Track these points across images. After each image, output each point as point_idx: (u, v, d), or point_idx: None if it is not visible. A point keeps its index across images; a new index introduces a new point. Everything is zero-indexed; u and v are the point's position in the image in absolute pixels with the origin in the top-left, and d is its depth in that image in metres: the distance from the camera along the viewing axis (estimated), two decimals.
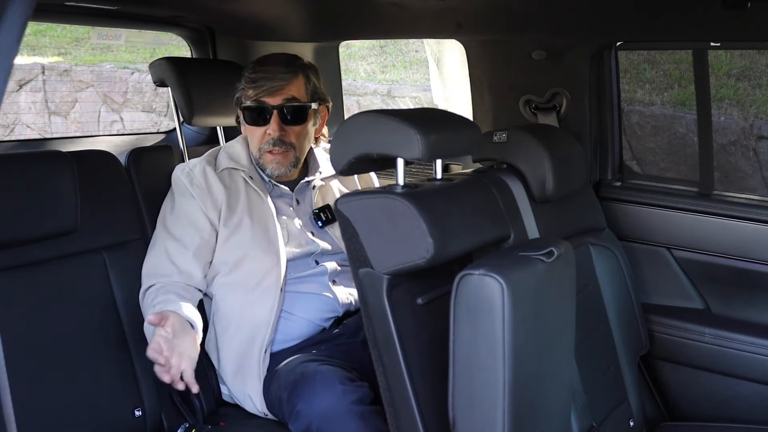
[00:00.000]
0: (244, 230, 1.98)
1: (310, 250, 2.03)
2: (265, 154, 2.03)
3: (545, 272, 1.47)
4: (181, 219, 1.98)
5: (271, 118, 2.00)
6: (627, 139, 4.95)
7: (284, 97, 2.00)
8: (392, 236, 1.44)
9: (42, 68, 7.71)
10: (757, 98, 5.12)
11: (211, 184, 2.00)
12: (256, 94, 2.00)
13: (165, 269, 1.93)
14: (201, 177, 2.00)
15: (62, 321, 1.81)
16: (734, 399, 2.14)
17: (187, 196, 1.99)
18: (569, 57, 2.27)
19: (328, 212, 2.09)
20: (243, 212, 1.99)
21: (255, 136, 2.04)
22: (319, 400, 1.72)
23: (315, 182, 2.13)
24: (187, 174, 2.01)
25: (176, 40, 2.91)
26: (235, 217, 1.98)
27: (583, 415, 1.80)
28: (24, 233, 1.76)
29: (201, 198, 1.98)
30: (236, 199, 2.01)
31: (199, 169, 2.02)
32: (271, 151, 2.02)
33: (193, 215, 1.97)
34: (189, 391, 1.71)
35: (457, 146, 1.59)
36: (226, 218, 1.98)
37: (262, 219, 2.00)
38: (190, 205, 1.98)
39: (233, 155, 2.07)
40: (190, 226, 1.96)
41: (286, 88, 2.00)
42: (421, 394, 1.47)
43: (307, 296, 2.00)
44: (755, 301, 2.16)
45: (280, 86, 2.00)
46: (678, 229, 2.25)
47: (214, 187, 2.00)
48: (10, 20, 0.68)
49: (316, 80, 2.08)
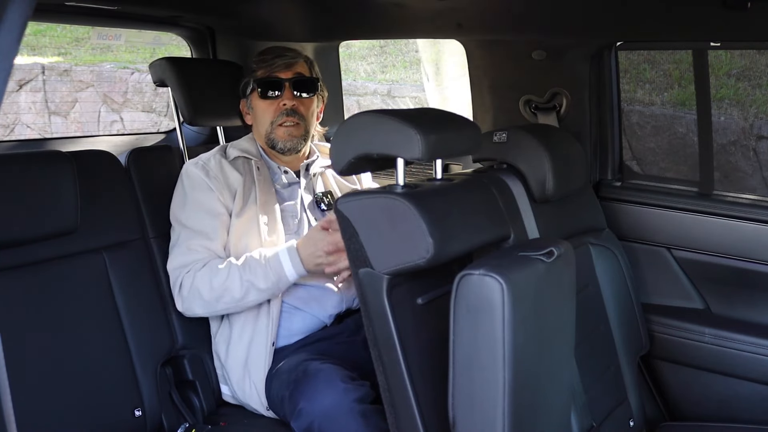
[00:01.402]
0: (252, 224, 1.99)
1: None
2: (277, 127, 2.11)
3: (545, 272, 1.47)
4: (198, 212, 1.99)
5: (285, 90, 2.11)
6: (627, 139, 4.95)
7: (295, 72, 2.13)
8: (392, 236, 1.44)
9: (42, 68, 7.71)
10: (757, 98, 5.12)
11: (227, 173, 2.04)
12: (270, 70, 2.12)
13: (194, 257, 1.95)
14: (217, 168, 2.04)
15: (62, 321, 1.81)
16: (734, 399, 2.14)
17: (204, 188, 2.00)
18: (569, 57, 2.27)
19: (331, 197, 2.14)
20: (253, 203, 2.02)
21: (268, 111, 2.12)
22: (321, 398, 1.73)
23: (314, 169, 2.18)
24: (201, 167, 2.04)
25: (176, 40, 2.91)
26: (247, 209, 2.01)
27: (583, 415, 1.80)
28: (24, 233, 1.76)
29: (219, 189, 2.00)
30: (249, 188, 2.04)
31: (214, 161, 2.06)
32: (283, 123, 2.10)
33: (210, 206, 1.99)
34: (189, 390, 1.71)
35: (457, 146, 1.59)
36: (239, 209, 2.00)
37: (269, 209, 2.02)
38: (207, 197, 1.99)
39: (242, 148, 2.13)
40: (209, 217, 1.98)
41: (296, 65, 2.14)
42: (421, 394, 1.47)
43: (310, 289, 2.01)
44: (755, 301, 2.16)
45: (291, 63, 2.13)
46: (678, 229, 2.25)
47: (230, 176, 2.04)
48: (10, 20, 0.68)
49: (316, 71, 2.21)
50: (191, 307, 1.95)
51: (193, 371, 2.02)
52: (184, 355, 2.02)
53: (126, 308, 1.93)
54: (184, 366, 2.02)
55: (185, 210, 2.00)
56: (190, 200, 2.00)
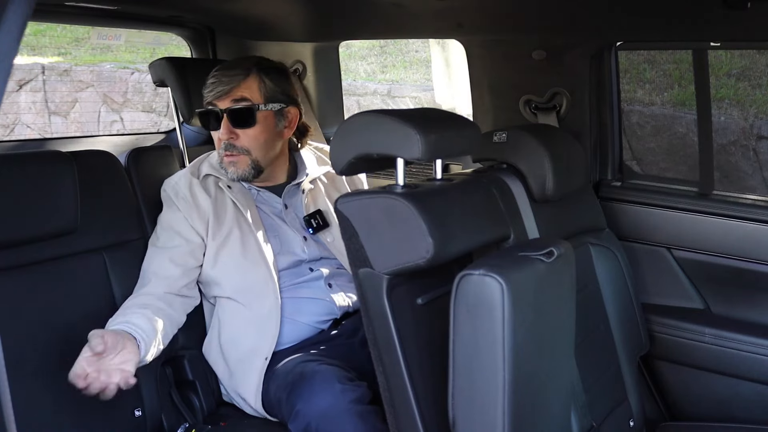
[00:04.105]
0: (233, 243, 1.96)
1: (302, 259, 2.03)
2: (224, 157, 2.00)
3: (545, 272, 1.47)
4: (166, 230, 1.98)
5: (222, 122, 1.97)
6: (627, 139, 4.95)
7: (232, 99, 1.96)
8: (392, 236, 1.44)
9: (42, 68, 7.71)
10: (757, 98, 5.12)
11: (197, 195, 1.99)
12: (208, 98, 1.99)
13: (146, 279, 1.93)
14: (186, 189, 2.00)
15: (62, 321, 1.81)
16: (734, 399, 2.14)
17: (173, 208, 2.00)
18: (569, 57, 2.27)
19: (319, 218, 2.07)
20: (232, 222, 1.98)
21: (215, 140, 2.03)
22: (318, 399, 1.72)
23: (304, 185, 2.10)
24: (172, 187, 2.02)
25: (176, 40, 2.91)
26: (224, 229, 1.97)
27: (583, 415, 1.80)
28: (24, 233, 1.76)
29: (186, 210, 1.98)
30: (223, 209, 2.00)
31: (183, 182, 2.02)
32: (225, 155, 1.99)
33: (177, 225, 1.97)
34: (189, 390, 1.70)
35: (457, 146, 1.59)
36: (215, 231, 1.97)
37: (248, 230, 1.98)
38: (175, 217, 1.99)
39: (214, 163, 2.06)
40: (174, 234, 1.97)
41: (234, 90, 1.96)
42: (421, 394, 1.47)
43: (304, 301, 2.00)
44: (755, 301, 2.16)
45: (227, 89, 1.96)
46: (678, 229, 2.25)
47: (199, 198, 1.99)
48: (10, 20, 0.68)
49: (277, 81, 2.02)
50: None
51: (193, 371, 2.02)
52: (184, 355, 2.02)
53: None
54: (184, 366, 2.02)
55: (159, 228, 2.00)
56: (163, 219, 2.01)
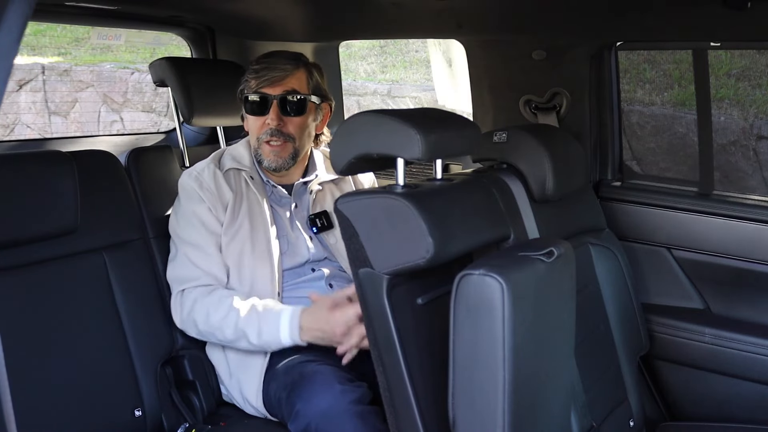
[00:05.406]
0: (242, 238, 1.97)
1: (306, 259, 2.04)
2: (263, 144, 2.02)
3: (545, 272, 1.47)
4: (194, 224, 1.98)
5: (271, 108, 2.00)
6: (627, 139, 4.95)
7: (285, 89, 2.01)
8: (392, 236, 1.44)
9: (42, 68, 7.71)
10: (757, 98, 5.12)
11: (221, 185, 2.00)
12: (258, 84, 2.01)
13: (191, 273, 1.94)
14: (210, 180, 2.00)
15: (62, 321, 1.81)
16: (734, 399, 2.14)
17: (197, 200, 1.99)
18: (569, 57, 2.27)
19: (324, 219, 2.08)
20: (244, 217, 1.99)
21: (255, 126, 2.04)
22: (318, 399, 1.72)
23: (312, 186, 2.11)
24: (195, 178, 2.01)
25: (176, 40, 2.91)
26: (236, 223, 1.98)
27: (583, 415, 1.80)
28: (24, 233, 1.76)
29: (211, 201, 1.98)
30: (240, 202, 2.01)
31: (207, 172, 2.02)
32: (269, 141, 2.01)
33: (204, 219, 1.97)
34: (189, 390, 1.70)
35: (457, 146, 1.58)
36: (229, 223, 1.98)
37: (260, 226, 1.99)
38: (200, 209, 1.98)
39: (236, 156, 2.07)
40: (204, 230, 1.97)
41: (287, 80, 2.01)
42: (421, 394, 1.47)
43: (305, 300, 2.00)
44: (755, 301, 2.16)
45: (281, 77, 2.00)
46: (678, 229, 2.25)
47: (223, 189, 2.00)
48: (10, 20, 0.68)
49: (320, 78, 2.09)
50: (186, 329, 1.98)
51: (193, 371, 2.02)
52: (184, 355, 2.02)
53: (126, 308, 1.93)
54: (184, 366, 2.02)
55: (180, 222, 2.00)
56: (186, 212, 2.00)
